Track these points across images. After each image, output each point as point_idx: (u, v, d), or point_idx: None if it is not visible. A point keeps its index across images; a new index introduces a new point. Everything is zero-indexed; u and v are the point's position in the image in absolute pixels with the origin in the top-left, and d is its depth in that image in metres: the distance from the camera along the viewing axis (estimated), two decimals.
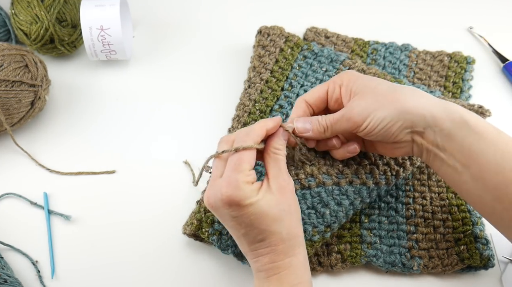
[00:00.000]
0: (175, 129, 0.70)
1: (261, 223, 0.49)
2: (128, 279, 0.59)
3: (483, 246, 0.57)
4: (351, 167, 0.58)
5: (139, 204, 0.64)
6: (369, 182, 0.57)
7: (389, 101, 0.51)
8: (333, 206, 0.56)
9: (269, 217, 0.49)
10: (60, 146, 0.69)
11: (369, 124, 0.51)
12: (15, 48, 0.67)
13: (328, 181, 0.56)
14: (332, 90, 0.56)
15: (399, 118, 0.50)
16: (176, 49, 0.79)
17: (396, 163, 0.59)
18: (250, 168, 0.50)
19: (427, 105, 0.50)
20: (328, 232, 0.56)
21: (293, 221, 0.50)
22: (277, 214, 0.49)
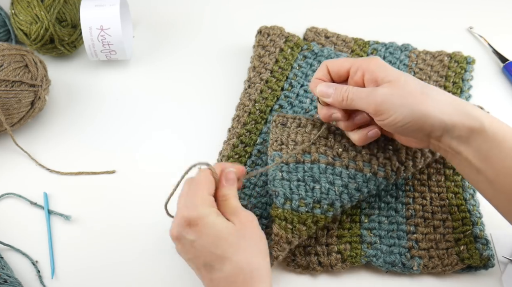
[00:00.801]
0: (175, 129, 0.70)
1: (218, 247, 0.47)
2: (128, 279, 0.59)
3: (483, 246, 0.57)
4: (350, 152, 0.59)
5: (139, 204, 0.64)
6: (366, 169, 0.58)
7: (416, 101, 0.50)
8: (324, 183, 0.57)
9: (227, 241, 0.47)
10: (60, 146, 0.69)
11: (389, 117, 0.51)
12: (15, 48, 0.67)
13: (323, 159, 0.58)
14: (354, 72, 0.55)
15: (420, 121, 0.50)
16: (176, 49, 0.79)
17: (398, 159, 0.60)
18: (207, 193, 0.50)
19: (450, 111, 0.50)
20: (317, 208, 0.56)
21: (255, 252, 0.49)
22: (234, 240, 0.48)
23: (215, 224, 0.48)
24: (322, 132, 0.61)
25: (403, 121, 0.51)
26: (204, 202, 0.49)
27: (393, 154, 0.60)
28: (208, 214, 0.48)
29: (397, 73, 0.53)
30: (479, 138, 0.50)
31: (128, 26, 0.78)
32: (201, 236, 0.48)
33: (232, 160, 0.63)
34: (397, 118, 0.51)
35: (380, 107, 0.51)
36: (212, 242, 0.48)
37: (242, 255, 0.48)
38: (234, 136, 0.66)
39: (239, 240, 0.48)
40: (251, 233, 0.49)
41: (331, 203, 0.57)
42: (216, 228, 0.48)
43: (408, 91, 0.51)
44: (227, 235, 0.48)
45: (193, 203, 0.49)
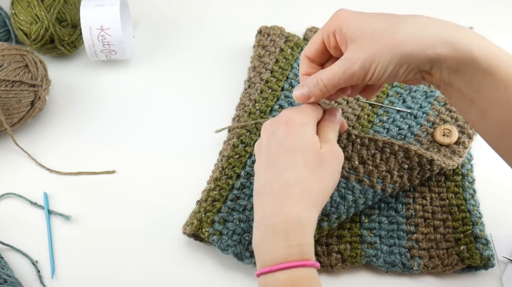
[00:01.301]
0: (175, 129, 0.70)
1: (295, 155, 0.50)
2: (128, 279, 0.59)
3: (483, 246, 0.57)
4: (367, 166, 0.58)
5: (139, 204, 0.64)
6: (378, 186, 0.58)
7: (390, 47, 0.47)
8: (335, 197, 0.57)
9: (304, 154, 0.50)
10: (60, 146, 0.69)
11: (373, 75, 0.49)
12: (15, 48, 0.67)
13: None
14: (327, 40, 0.53)
15: (403, 62, 0.47)
16: (176, 49, 0.79)
17: (408, 178, 0.60)
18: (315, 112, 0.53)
19: (432, 43, 0.46)
20: (325, 221, 0.56)
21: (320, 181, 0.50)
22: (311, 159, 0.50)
23: (307, 135, 0.50)
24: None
25: (388, 71, 0.48)
26: (310, 114, 0.52)
27: (406, 172, 0.59)
28: (308, 123, 0.51)
29: (362, 25, 0.49)
30: (470, 69, 0.46)
31: (128, 26, 0.78)
32: (289, 137, 0.50)
33: (232, 160, 0.63)
34: (381, 71, 0.48)
35: (361, 72, 0.49)
36: (294, 148, 0.50)
37: (307, 175, 0.49)
38: (235, 136, 0.66)
39: (314, 162, 0.50)
40: (328, 164, 0.50)
41: (339, 217, 0.57)
42: (305, 138, 0.50)
43: (379, 40, 0.48)
44: (308, 150, 0.50)
45: (302, 109, 0.52)
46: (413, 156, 0.60)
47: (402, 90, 0.69)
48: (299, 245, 0.47)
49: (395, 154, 0.60)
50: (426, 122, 0.66)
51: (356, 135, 0.61)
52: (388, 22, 0.49)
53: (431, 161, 0.60)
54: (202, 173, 0.65)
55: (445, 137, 0.64)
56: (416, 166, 0.60)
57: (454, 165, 0.62)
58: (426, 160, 0.60)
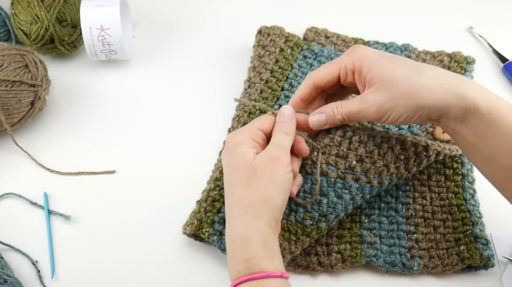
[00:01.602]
0: (175, 129, 0.70)
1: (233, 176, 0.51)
2: (128, 279, 0.59)
3: (483, 246, 0.57)
4: (364, 164, 0.56)
5: (139, 204, 0.64)
6: (374, 181, 0.57)
7: (406, 97, 0.51)
8: (332, 197, 0.56)
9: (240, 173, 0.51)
10: (60, 146, 0.69)
11: (387, 120, 0.53)
12: (15, 48, 0.67)
13: (332, 173, 0.56)
14: (344, 75, 0.55)
15: (417, 112, 0.51)
16: (176, 49, 0.79)
17: (405, 167, 0.59)
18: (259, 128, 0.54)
19: (443, 96, 0.50)
20: (323, 221, 0.56)
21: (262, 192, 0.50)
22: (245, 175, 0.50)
23: (241, 153, 0.51)
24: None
25: (403, 117, 0.52)
26: (245, 132, 0.53)
27: (402, 163, 0.59)
28: (242, 142, 0.52)
29: (382, 69, 0.52)
30: (475, 118, 0.50)
31: (128, 26, 0.78)
32: (228, 161, 0.52)
33: None
34: (396, 116, 0.52)
35: (377, 115, 0.53)
36: (232, 169, 0.52)
37: (243, 192, 0.50)
38: None
39: (247, 176, 0.50)
40: (263, 172, 0.50)
41: (337, 216, 0.57)
42: (238, 157, 0.51)
43: (396, 89, 0.51)
44: (241, 167, 0.51)
45: (240, 129, 0.54)
46: (410, 146, 0.59)
47: None
48: (245, 261, 0.48)
49: (392, 147, 0.58)
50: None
51: (354, 132, 0.57)
52: (406, 72, 0.52)
53: (426, 146, 0.60)
54: (202, 173, 0.65)
55: (444, 134, 0.64)
56: (412, 154, 0.59)
57: (452, 150, 0.62)
58: (422, 146, 0.60)
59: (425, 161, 0.60)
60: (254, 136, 0.53)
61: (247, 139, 0.53)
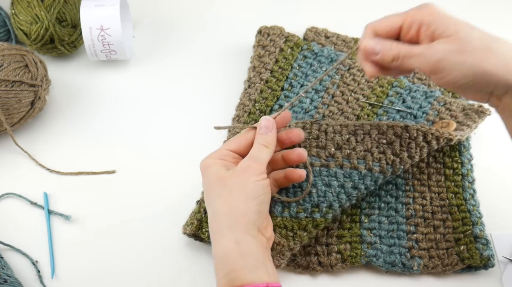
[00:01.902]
0: (175, 129, 0.70)
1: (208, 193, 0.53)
2: (128, 279, 0.59)
3: (483, 246, 0.57)
4: (344, 151, 0.59)
5: (139, 204, 0.64)
6: (361, 166, 0.58)
7: (478, 58, 0.46)
8: (320, 186, 0.57)
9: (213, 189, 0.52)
10: (60, 146, 0.69)
11: (447, 76, 0.47)
12: (15, 48, 0.67)
13: (316, 162, 0.58)
14: (407, 27, 0.49)
15: (483, 80, 0.46)
16: (176, 49, 0.79)
17: (392, 152, 0.59)
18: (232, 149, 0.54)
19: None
20: (316, 212, 0.57)
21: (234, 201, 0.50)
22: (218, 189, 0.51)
23: (212, 172, 0.52)
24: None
25: (464, 81, 0.46)
26: (217, 155, 0.54)
27: (387, 147, 0.60)
28: (211, 165, 0.53)
29: (458, 25, 0.47)
30: None
31: (128, 26, 0.78)
32: (204, 183, 0.54)
33: None
34: (457, 77, 0.46)
35: (438, 66, 0.46)
36: (207, 188, 0.53)
37: (217, 205, 0.51)
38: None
39: (219, 189, 0.51)
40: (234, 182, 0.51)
41: (330, 205, 0.57)
42: (210, 175, 0.52)
43: (471, 47, 0.46)
44: (214, 184, 0.52)
45: (208, 156, 0.54)
46: (387, 129, 0.60)
47: (402, 90, 0.69)
48: (225, 276, 0.47)
49: (369, 132, 0.60)
50: (426, 122, 0.66)
51: (327, 125, 0.61)
52: (484, 35, 0.47)
53: (406, 127, 0.60)
54: None
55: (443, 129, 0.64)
56: (394, 137, 0.60)
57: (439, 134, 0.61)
58: (401, 128, 0.60)
59: (413, 144, 0.60)
60: (223, 156, 0.54)
61: (215, 161, 0.53)
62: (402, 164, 0.60)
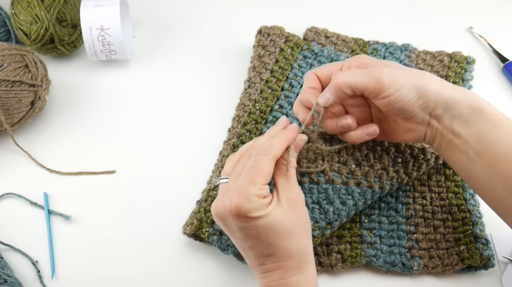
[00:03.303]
0: (175, 129, 0.70)
1: (269, 237, 0.47)
2: (128, 279, 0.59)
3: (483, 246, 0.57)
4: (363, 168, 0.58)
5: (139, 204, 0.64)
6: (376, 186, 0.58)
7: (418, 77, 0.50)
8: (337, 204, 0.56)
9: (277, 231, 0.47)
10: (60, 146, 0.69)
11: (394, 93, 0.50)
12: (15, 48, 0.67)
13: (337, 179, 0.57)
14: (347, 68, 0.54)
15: (424, 96, 0.50)
16: (176, 49, 0.79)
17: (405, 171, 0.59)
18: (264, 182, 0.48)
19: (450, 89, 0.51)
20: (328, 229, 0.57)
21: (303, 236, 0.49)
22: (286, 228, 0.47)
23: (266, 219, 0.47)
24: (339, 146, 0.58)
25: (409, 97, 0.50)
26: (259, 194, 0.47)
27: (401, 166, 0.59)
28: (259, 209, 0.46)
29: (392, 62, 0.53)
30: (479, 119, 0.50)
31: (128, 26, 0.78)
32: (251, 227, 0.47)
33: None
34: (403, 94, 0.50)
35: (384, 83, 0.49)
36: (262, 232, 0.47)
37: (292, 243, 0.48)
38: (234, 136, 0.66)
39: (289, 227, 0.47)
40: (299, 216, 0.48)
41: (340, 221, 0.58)
42: (267, 222, 0.47)
43: (409, 72, 0.51)
44: (277, 226, 0.47)
45: (248, 192, 0.46)
46: (404, 148, 0.60)
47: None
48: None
49: (387, 150, 0.60)
50: None
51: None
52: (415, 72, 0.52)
53: (422, 149, 0.60)
54: (202, 173, 0.65)
55: None
56: (410, 157, 0.60)
57: None
58: (418, 149, 0.60)
59: (424, 165, 0.61)
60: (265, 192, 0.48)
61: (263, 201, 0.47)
62: (409, 181, 0.61)
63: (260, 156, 0.48)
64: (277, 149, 0.49)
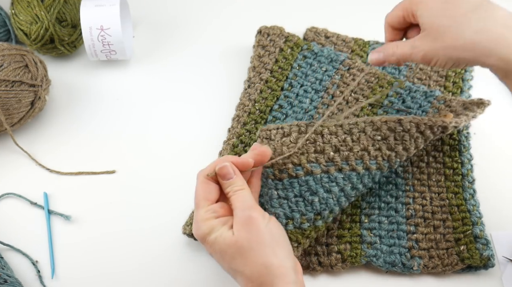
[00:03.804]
0: (175, 129, 0.70)
1: (226, 262, 0.48)
2: (128, 279, 0.59)
3: (483, 246, 0.57)
4: (342, 153, 0.58)
5: (139, 204, 0.64)
6: (359, 167, 0.57)
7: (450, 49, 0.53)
8: (322, 193, 0.56)
9: (231, 256, 0.47)
10: (60, 146, 0.69)
11: (436, 63, 0.54)
12: (15, 48, 0.67)
13: (317, 169, 0.56)
14: (407, 17, 0.57)
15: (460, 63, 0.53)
16: (176, 49, 0.79)
17: (387, 147, 0.59)
18: (207, 203, 0.50)
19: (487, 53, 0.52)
20: (319, 219, 0.56)
21: (267, 253, 0.47)
22: (234, 252, 0.47)
23: (216, 242, 0.48)
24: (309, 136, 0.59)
25: (447, 66, 0.54)
26: (204, 219, 0.49)
27: (382, 143, 0.59)
28: (208, 233, 0.49)
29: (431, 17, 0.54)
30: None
31: (128, 26, 0.78)
32: (212, 252, 0.49)
33: None
34: (441, 64, 0.54)
35: (425, 59, 0.55)
36: (221, 258, 0.49)
37: (245, 265, 0.47)
38: (234, 136, 0.66)
39: (238, 250, 0.47)
40: (256, 237, 0.47)
41: (331, 210, 0.57)
42: (218, 246, 0.48)
43: (440, 41, 0.53)
44: (229, 250, 0.47)
45: (197, 221, 0.50)
46: (381, 125, 0.59)
47: (402, 91, 0.69)
48: None
49: (364, 130, 0.59)
50: None
51: (322, 126, 0.60)
52: (455, 20, 0.53)
53: (399, 120, 0.60)
54: None
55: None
56: (388, 133, 0.59)
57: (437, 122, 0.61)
58: (393, 122, 0.60)
59: (407, 136, 0.60)
60: (213, 213, 0.50)
61: (211, 224, 0.49)
62: (398, 157, 0.59)
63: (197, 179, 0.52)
64: (206, 169, 0.52)
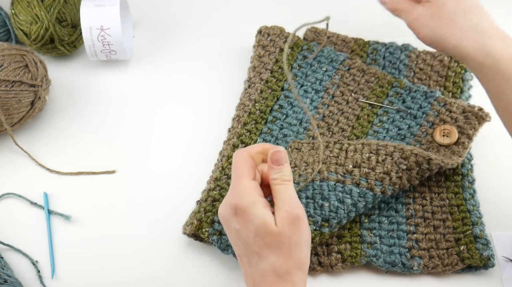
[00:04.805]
0: (175, 129, 0.70)
1: (256, 243, 0.46)
2: (128, 279, 0.59)
3: (483, 246, 0.57)
4: (362, 169, 0.58)
5: (139, 204, 0.64)
6: (377, 189, 0.58)
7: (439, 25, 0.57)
8: (333, 201, 0.56)
9: (261, 240, 0.46)
10: (60, 146, 0.69)
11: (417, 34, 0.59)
12: (15, 48, 0.67)
13: (332, 176, 0.58)
14: None
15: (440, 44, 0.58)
16: (176, 49, 0.79)
17: (408, 178, 0.59)
18: (250, 177, 0.48)
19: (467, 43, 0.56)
20: (326, 227, 0.56)
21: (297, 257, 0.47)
22: (272, 242, 0.46)
23: (256, 218, 0.46)
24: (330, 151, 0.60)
25: (427, 42, 0.58)
26: (247, 190, 0.48)
27: (405, 173, 0.59)
28: (251, 205, 0.47)
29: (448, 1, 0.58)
30: (490, 72, 0.54)
31: (128, 26, 0.78)
32: (244, 228, 0.47)
33: None
34: (423, 37, 0.58)
35: (412, 24, 0.59)
36: (252, 237, 0.47)
37: (285, 259, 0.46)
38: (234, 136, 0.66)
39: (281, 246, 0.46)
40: (289, 238, 0.47)
41: (339, 221, 0.57)
42: (256, 227, 0.46)
43: (438, 14, 0.57)
44: (267, 237, 0.46)
45: (238, 191, 0.48)
46: (410, 155, 0.59)
47: (402, 91, 0.69)
48: None
49: (391, 155, 0.59)
50: (425, 122, 0.66)
51: (349, 144, 0.61)
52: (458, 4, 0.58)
53: (429, 159, 0.59)
54: (202, 173, 0.65)
55: (444, 137, 0.64)
56: (414, 165, 0.59)
57: (454, 164, 0.62)
58: (424, 159, 0.59)
59: (427, 174, 0.61)
60: (257, 189, 0.48)
61: (257, 199, 0.47)
62: (410, 187, 0.61)
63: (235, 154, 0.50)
64: (251, 147, 0.51)
